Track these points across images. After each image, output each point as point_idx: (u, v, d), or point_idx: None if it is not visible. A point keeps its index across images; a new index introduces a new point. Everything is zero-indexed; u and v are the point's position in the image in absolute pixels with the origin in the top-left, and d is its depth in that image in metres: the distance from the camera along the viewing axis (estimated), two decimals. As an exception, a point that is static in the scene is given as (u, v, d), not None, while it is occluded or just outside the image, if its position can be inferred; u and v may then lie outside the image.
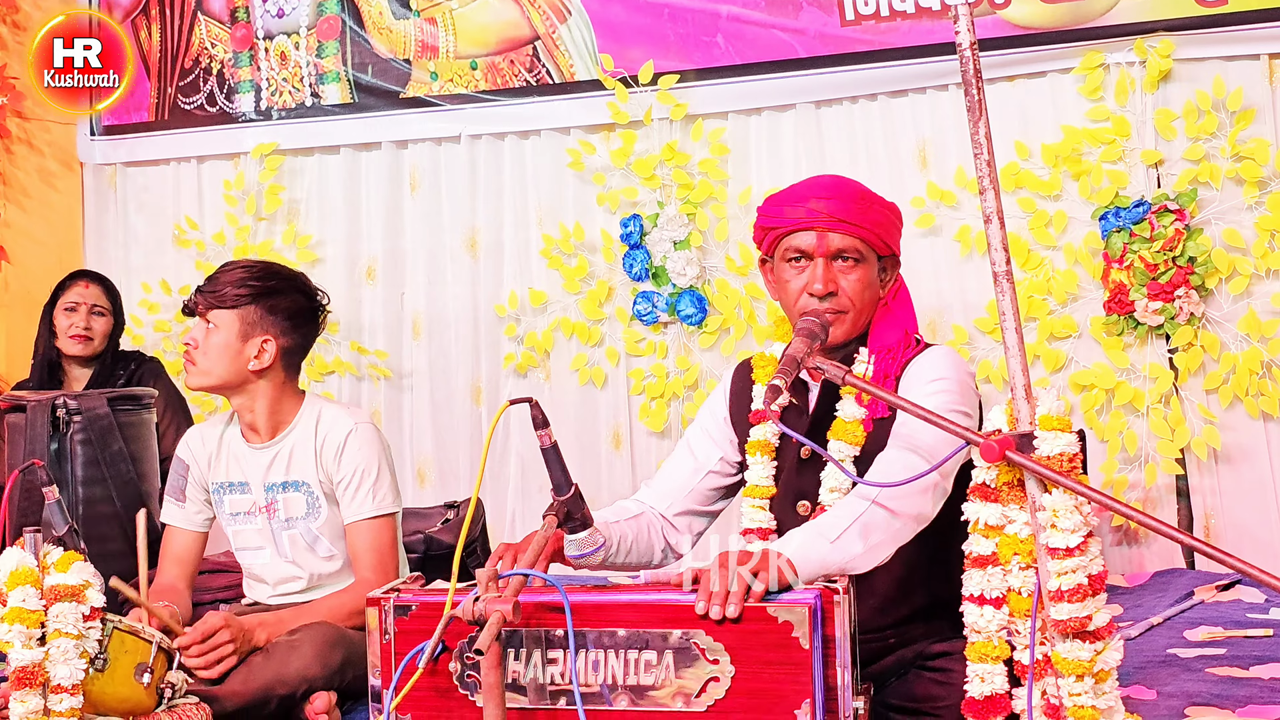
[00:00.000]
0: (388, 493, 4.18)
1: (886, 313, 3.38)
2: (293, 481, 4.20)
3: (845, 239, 3.29)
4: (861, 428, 3.27)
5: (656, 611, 2.69)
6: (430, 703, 2.77)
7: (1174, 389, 5.33)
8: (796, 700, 2.63)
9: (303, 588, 4.24)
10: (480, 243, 6.49)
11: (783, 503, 3.38)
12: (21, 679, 3.21)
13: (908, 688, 3.24)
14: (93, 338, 5.99)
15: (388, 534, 4.17)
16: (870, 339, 3.35)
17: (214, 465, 4.29)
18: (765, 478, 3.40)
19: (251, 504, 4.24)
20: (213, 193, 6.97)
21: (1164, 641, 4.31)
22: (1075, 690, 2.60)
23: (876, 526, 2.97)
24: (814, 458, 3.30)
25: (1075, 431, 2.65)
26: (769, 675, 2.63)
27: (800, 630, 2.62)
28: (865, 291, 3.32)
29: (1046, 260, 5.50)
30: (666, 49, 6.07)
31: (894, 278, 3.41)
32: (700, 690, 2.66)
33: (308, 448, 4.19)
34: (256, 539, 4.26)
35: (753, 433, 3.44)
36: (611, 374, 6.24)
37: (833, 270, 3.30)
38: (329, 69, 6.70)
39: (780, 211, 3.36)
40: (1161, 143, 5.35)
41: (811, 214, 3.29)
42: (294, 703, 3.79)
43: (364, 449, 4.16)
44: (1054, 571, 2.57)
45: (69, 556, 3.33)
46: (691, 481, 3.52)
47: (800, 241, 3.31)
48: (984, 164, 2.65)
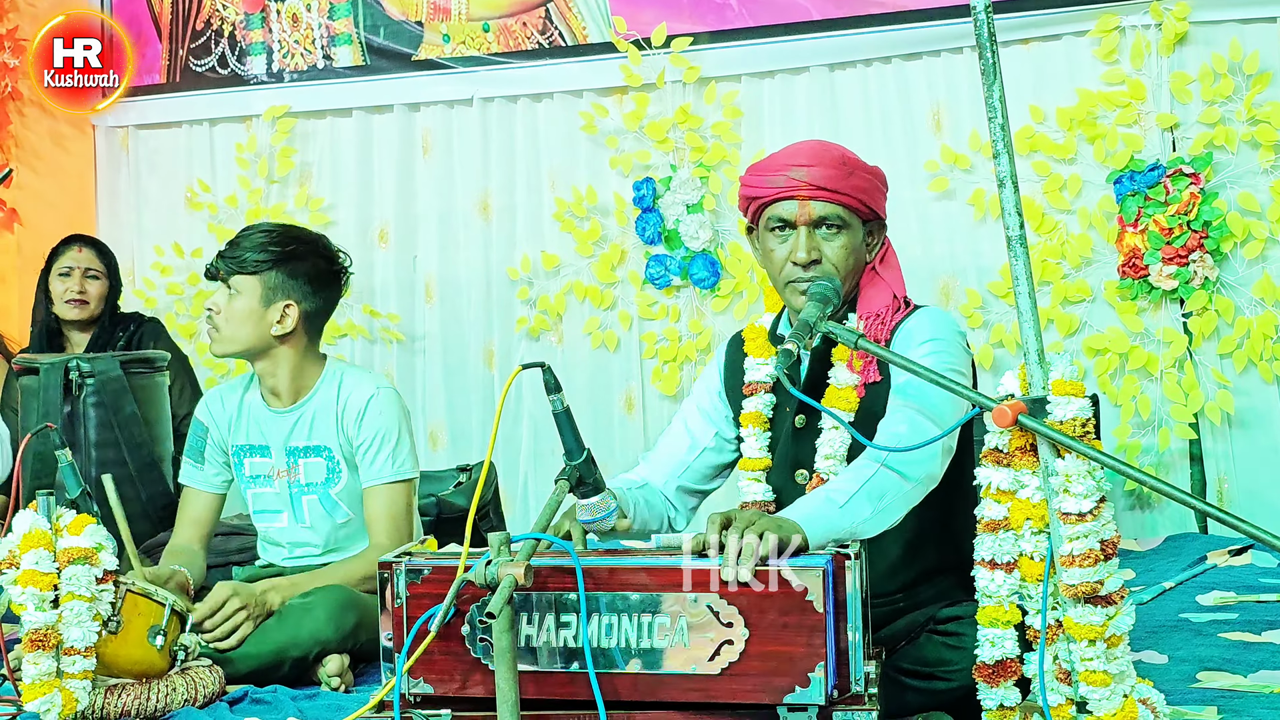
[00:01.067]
0: (407, 458, 4.18)
1: (874, 277, 3.35)
2: (314, 445, 4.19)
3: (827, 206, 3.25)
4: (855, 394, 3.25)
5: (670, 575, 2.69)
6: (443, 666, 2.77)
7: (1188, 353, 5.32)
8: (810, 663, 2.63)
9: (319, 552, 4.24)
10: (492, 206, 6.49)
11: (780, 473, 3.36)
12: (35, 641, 3.22)
13: (919, 652, 3.24)
14: (88, 301, 5.95)
15: (404, 499, 4.17)
16: (859, 304, 3.32)
17: (234, 428, 4.28)
18: (760, 449, 3.38)
19: (271, 467, 4.23)
20: (225, 155, 6.96)
21: (1176, 606, 4.31)
22: (1087, 655, 2.60)
23: (886, 490, 2.96)
24: (808, 426, 3.29)
25: (1088, 396, 2.64)
26: (783, 638, 2.63)
27: (815, 593, 2.62)
28: (849, 258, 3.29)
29: (1061, 224, 5.49)
30: (679, 11, 6.05)
31: (881, 241, 3.37)
32: (714, 653, 2.67)
33: (329, 412, 4.19)
34: (274, 503, 4.26)
35: (745, 405, 3.42)
36: (624, 337, 6.24)
37: (815, 238, 3.26)
38: (341, 31, 6.68)
39: (761, 180, 3.32)
40: (1177, 106, 5.33)
41: (791, 183, 3.25)
42: (307, 665, 3.81)
43: (385, 413, 4.17)
44: (1066, 536, 2.57)
45: (82, 519, 3.34)
46: (688, 459, 3.50)
47: (782, 211, 3.27)
48: (998, 128, 2.64)
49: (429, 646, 2.68)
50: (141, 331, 6.00)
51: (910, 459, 2.98)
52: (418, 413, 6.60)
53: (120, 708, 3.45)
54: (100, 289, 6.00)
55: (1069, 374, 2.63)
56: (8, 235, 7.01)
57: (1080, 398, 2.61)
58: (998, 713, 2.77)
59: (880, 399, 3.22)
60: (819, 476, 3.23)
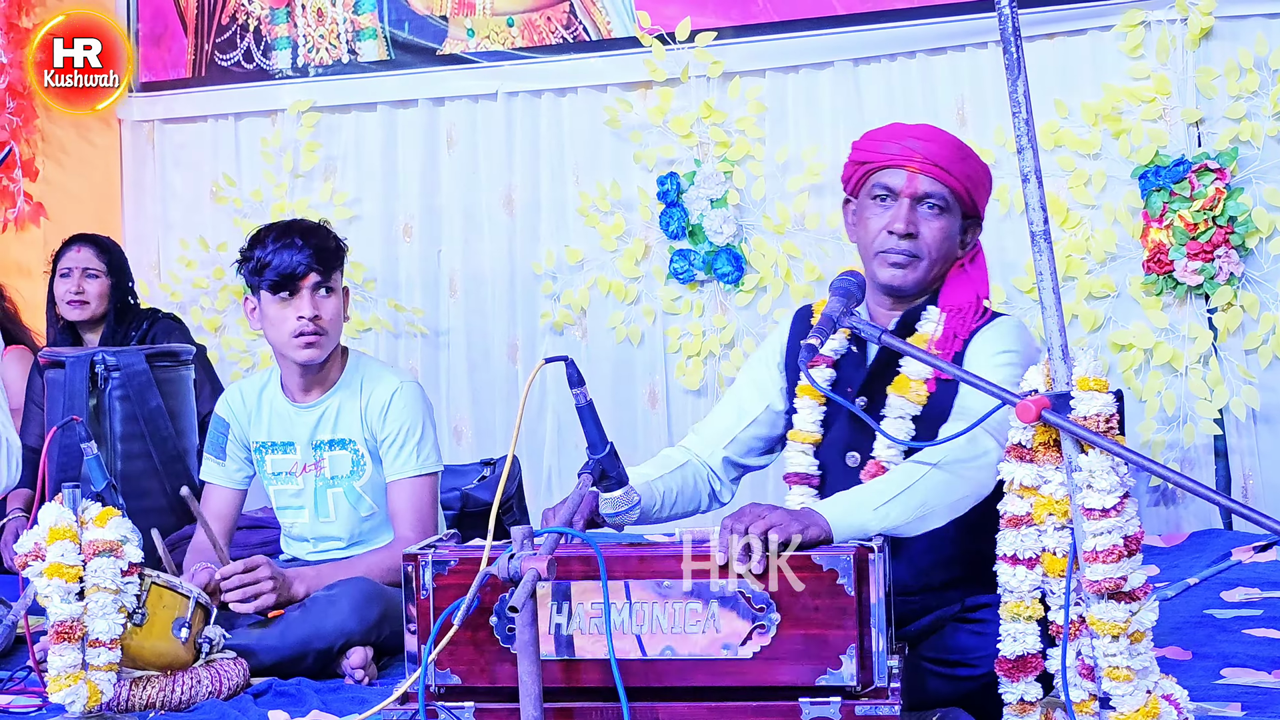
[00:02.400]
0: (431, 452, 4.18)
1: (961, 274, 3.33)
2: (339, 439, 4.18)
3: (934, 184, 3.24)
4: (925, 386, 3.22)
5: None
6: (469, 656, 2.78)
7: (1213, 349, 5.30)
8: (842, 645, 2.66)
9: (343, 546, 4.24)
10: (516, 200, 6.50)
11: (830, 451, 3.33)
12: (60, 633, 3.24)
13: (944, 640, 3.23)
14: (88, 301, 5.90)
15: (428, 493, 4.18)
16: (941, 296, 3.30)
17: (254, 424, 4.27)
18: (813, 423, 3.36)
19: (294, 463, 4.22)
20: (250, 150, 6.99)
21: (1200, 602, 4.31)
22: (1110, 651, 2.59)
23: (929, 497, 2.94)
24: (870, 410, 3.25)
25: (1113, 392, 2.64)
26: (814, 621, 2.66)
27: (845, 577, 2.65)
28: (945, 243, 3.27)
29: (1085, 219, 5.48)
30: (704, 6, 6.05)
31: (974, 241, 3.36)
32: (746, 637, 2.68)
33: (354, 405, 4.18)
34: (297, 499, 4.25)
35: (803, 377, 3.41)
36: (648, 332, 6.24)
37: (916, 213, 3.25)
38: (366, 25, 6.70)
39: (876, 146, 3.30)
40: (1202, 101, 5.31)
41: (906, 151, 3.24)
42: (331, 657, 3.82)
43: (410, 407, 4.16)
44: (1089, 532, 2.56)
45: (107, 512, 3.36)
46: (735, 430, 3.49)
47: (889, 179, 3.26)
48: (1022, 122, 2.63)
49: (456, 637, 2.69)
50: (156, 329, 5.96)
51: (960, 469, 2.96)
52: (441, 407, 6.61)
53: (145, 700, 3.47)
54: (100, 287, 5.94)
55: (1093, 370, 2.63)
56: (34, 229, 7.03)
57: (1104, 393, 2.60)
58: (1018, 707, 2.77)
59: (950, 395, 3.19)
60: (876, 462, 3.21)
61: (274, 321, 4.08)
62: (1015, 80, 2.62)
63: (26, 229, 7.05)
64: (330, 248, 4.10)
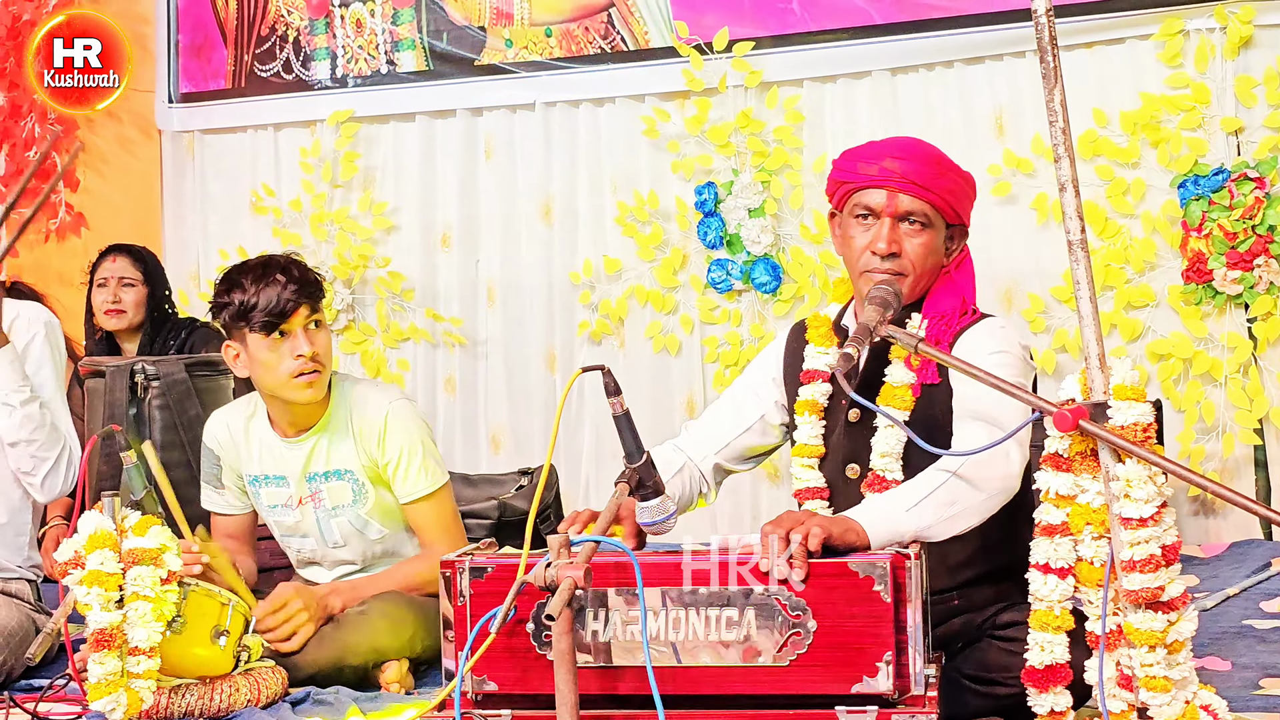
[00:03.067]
0: (435, 465, 4.12)
1: (947, 280, 3.36)
2: (335, 470, 4.10)
3: (915, 202, 3.27)
4: (910, 393, 3.26)
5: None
6: (506, 663, 2.80)
7: (1253, 358, 5.28)
8: (878, 653, 2.66)
9: (358, 569, 4.21)
10: (555, 210, 6.51)
11: (832, 464, 3.38)
12: (100, 641, 3.26)
13: (980, 656, 3.24)
14: (125, 310, 5.97)
15: (447, 504, 4.16)
16: (926, 304, 3.33)
17: (244, 456, 4.19)
18: (814, 437, 3.39)
19: (289, 496, 4.15)
20: (289, 160, 7.01)
21: (1239, 613, 4.28)
22: (1148, 661, 2.59)
23: (957, 498, 2.96)
24: (863, 421, 3.30)
25: (1150, 401, 2.63)
26: (851, 629, 2.67)
27: (881, 584, 2.65)
28: (928, 257, 3.30)
29: (1124, 229, 5.46)
30: (741, 15, 6.05)
31: (960, 247, 3.39)
32: (783, 645, 2.69)
33: (345, 435, 4.09)
34: (299, 528, 4.19)
35: (801, 392, 3.43)
36: (686, 342, 6.24)
37: (898, 231, 3.28)
38: (404, 36, 6.72)
39: (854, 166, 3.34)
40: (1241, 110, 5.29)
41: (884, 173, 3.27)
42: (367, 670, 3.83)
43: (405, 429, 4.08)
44: (1127, 542, 2.56)
45: (147, 520, 3.38)
46: (728, 436, 3.53)
47: (870, 199, 3.30)
48: (1059, 131, 2.63)
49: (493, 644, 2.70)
50: (194, 338, 6.00)
51: (984, 470, 2.98)
52: (480, 416, 6.64)
53: (184, 708, 3.49)
54: (137, 296, 6.00)
55: (1130, 379, 2.62)
56: (75, 240, 7.08)
57: (1142, 403, 2.60)
58: (1047, 718, 2.76)
59: (936, 402, 3.22)
60: (875, 474, 3.24)
61: (266, 364, 3.95)
62: (1052, 89, 2.63)
63: (68, 239, 7.10)
64: (312, 279, 4.00)
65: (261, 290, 3.90)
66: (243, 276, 3.95)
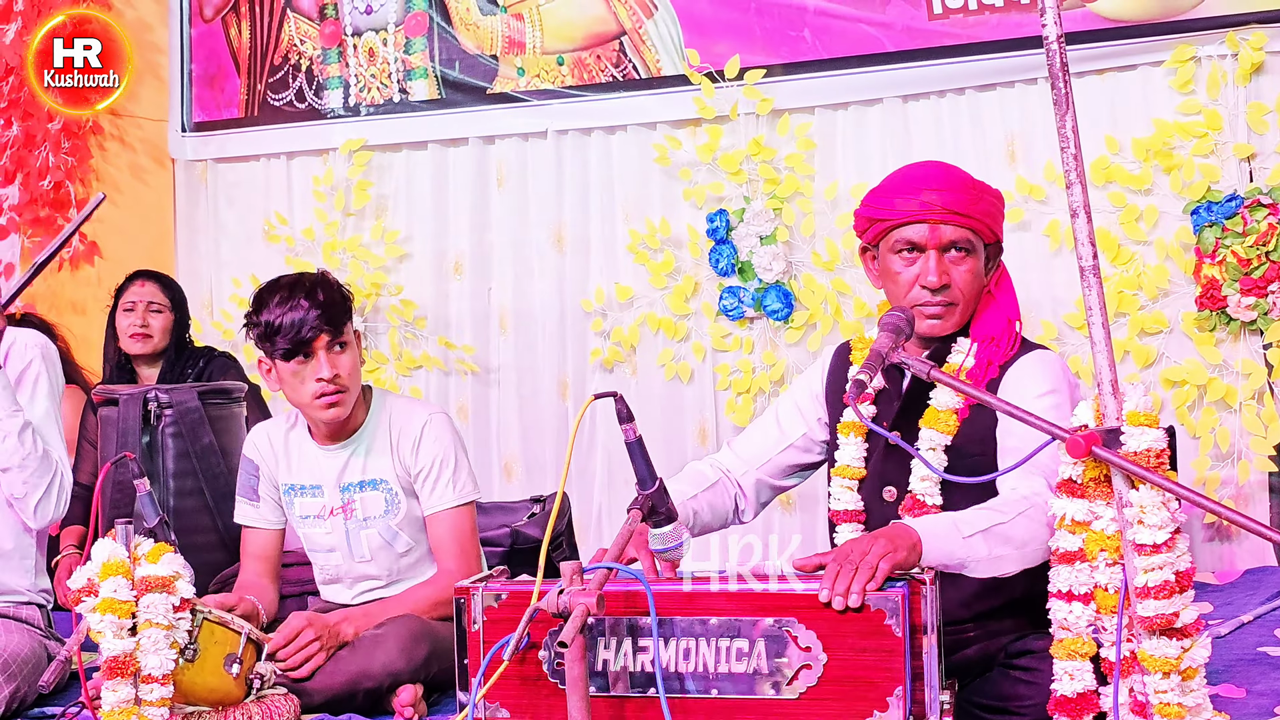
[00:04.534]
0: (467, 480, 4.15)
1: (990, 301, 3.36)
2: (370, 480, 4.15)
3: (958, 230, 3.27)
4: (955, 416, 3.25)
5: (748, 600, 2.72)
6: (517, 691, 2.79)
7: (1267, 385, 5.27)
8: (889, 688, 2.64)
9: (382, 584, 4.22)
10: (566, 238, 6.52)
11: (869, 487, 3.37)
12: (113, 669, 3.25)
13: (993, 686, 3.23)
14: (151, 335, 5.99)
15: (468, 522, 4.16)
16: (973, 328, 3.33)
17: (281, 466, 4.24)
18: (856, 459, 3.39)
19: (322, 506, 4.18)
20: (302, 188, 7.03)
21: (1254, 639, 4.27)
22: (1162, 688, 2.58)
23: (1011, 540, 2.94)
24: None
25: (1163, 428, 2.62)
26: (861, 663, 2.65)
27: (893, 618, 2.64)
28: (975, 283, 3.31)
29: (1137, 255, 5.45)
30: (753, 43, 6.06)
31: (997, 264, 3.39)
32: (793, 678, 2.68)
33: (383, 444, 4.14)
34: (327, 541, 4.21)
35: (845, 413, 3.42)
36: (698, 369, 6.24)
37: (945, 263, 3.28)
38: (416, 65, 6.74)
39: (890, 203, 3.33)
40: (1254, 136, 5.29)
41: (925, 206, 3.26)
42: (380, 695, 3.82)
43: (440, 439, 4.13)
44: (1141, 568, 2.55)
45: (160, 548, 3.37)
46: (771, 452, 3.53)
47: (912, 234, 3.29)
48: (1070, 158, 2.63)
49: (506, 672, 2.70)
50: (212, 367, 6.03)
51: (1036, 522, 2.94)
52: (492, 444, 6.64)
53: (197, 735, 3.48)
54: (164, 322, 6.03)
55: (1143, 405, 2.62)
56: (88, 268, 7.09)
57: (1154, 428, 2.59)
58: (1073, 747, 2.75)
59: (980, 424, 3.20)
60: (914, 497, 3.23)
61: (292, 385, 4.03)
62: (1064, 116, 2.63)
63: (81, 268, 7.11)
64: (337, 301, 4.01)
65: (285, 315, 3.95)
66: (271, 298, 4.01)
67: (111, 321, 6.07)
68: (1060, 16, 2.64)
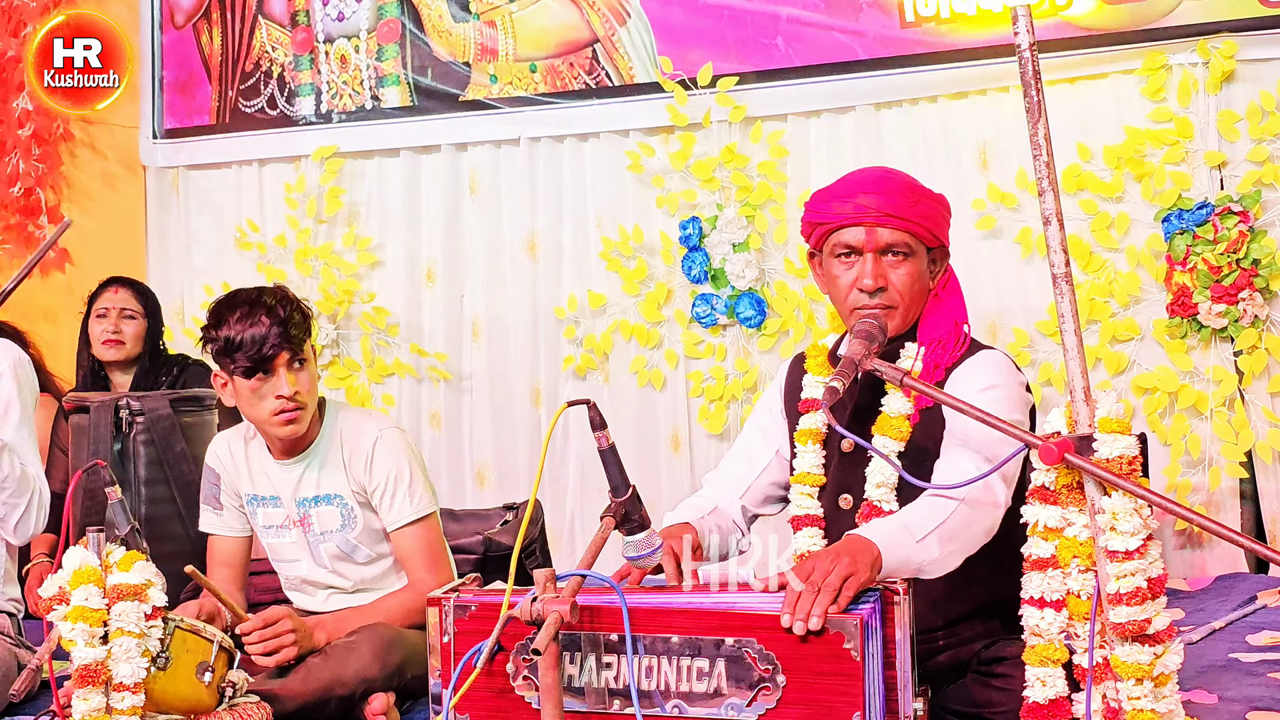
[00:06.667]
0: (423, 493, 4.11)
1: (937, 304, 3.37)
2: (324, 495, 4.12)
3: (894, 234, 3.27)
4: (907, 422, 3.25)
5: (710, 618, 2.69)
6: (488, 703, 2.78)
7: (1238, 392, 5.29)
8: (847, 712, 2.61)
9: (349, 592, 4.20)
10: (539, 245, 6.51)
11: (826, 494, 3.37)
12: (84, 677, 3.23)
13: (966, 693, 3.23)
14: (124, 341, 5.94)
15: (433, 532, 4.14)
16: (920, 331, 3.34)
17: (243, 476, 4.21)
18: (815, 466, 3.39)
19: (284, 517, 4.17)
20: (274, 195, 7.01)
21: (1226, 646, 4.28)
22: (1135, 694, 2.58)
23: (956, 534, 2.96)
24: (856, 451, 3.29)
25: (1135, 434, 2.63)
26: (820, 686, 2.62)
27: (851, 642, 2.60)
28: (914, 285, 3.31)
29: (1109, 262, 5.47)
30: (726, 51, 6.07)
31: (943, 269, 3.39)
32: (752, 700, 2.66)
33: (336, 460, 4.10)
34: (293, 550, 4.20)
35: (802, 421, 3.43)
36: (670, 376, 6.24)
37: (882, 265, 3.28)
38: (389, 72, 6.73)
39: (828, 207, 3.34)
40: (1225, 144, 5.31)
41: (860, 209, 3.27)
42: (353, 703, 3.80)
43: (393, 454, 4.09)
44: (1113, 574, 2.55)
45: (131, 556, 3.36)
46: (748, 479, 3.52)
47: (849, 237, 3.30)
48: (1043, 165, 2.64)
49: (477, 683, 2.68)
50: (186, 375, 5.99)
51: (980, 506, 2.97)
52: (465, 451, 6.63)
53: (167, 744, 3.47)
54: (137, 329, 5.99)
55: (1115, 411, 2.62)
56: (59, 275, 7.07)
57: (1126, 435, 2.59)
58: (1047, 754, 2.75)
59: (932, 428, 3.21)
60: (870, 504, 3.23)
61: (250, 401, 3.98)
62: (1036, 123, 2.63)
63: (51, 275, 7.08)
64: (296, 319, 3.97)
65: (245, 331, 3.90)
66: (230, 313, 3.95)
67: (85, 328, 6.03)
68: (1032, 24, 2.65)
